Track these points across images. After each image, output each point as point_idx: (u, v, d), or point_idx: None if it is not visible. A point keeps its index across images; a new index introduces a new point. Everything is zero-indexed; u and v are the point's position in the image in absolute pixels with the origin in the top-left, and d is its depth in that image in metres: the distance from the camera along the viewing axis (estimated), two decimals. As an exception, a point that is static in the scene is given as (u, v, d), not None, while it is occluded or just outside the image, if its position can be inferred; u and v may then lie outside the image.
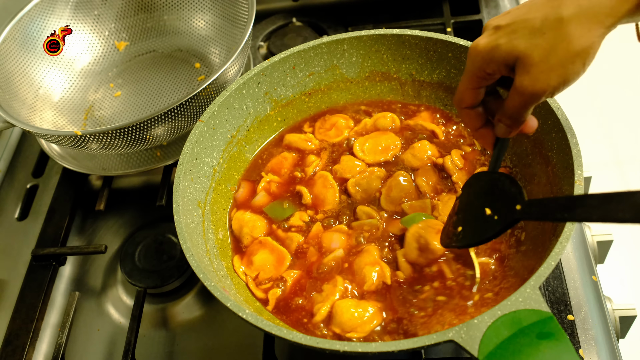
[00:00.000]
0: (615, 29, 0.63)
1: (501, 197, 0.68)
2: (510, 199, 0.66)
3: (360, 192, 0.94)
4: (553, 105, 0.83)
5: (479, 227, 0.69)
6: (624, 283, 2.05)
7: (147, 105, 1.23)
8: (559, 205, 0.61)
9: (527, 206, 0.64)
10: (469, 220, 0.72)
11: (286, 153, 1.02)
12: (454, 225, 0.76)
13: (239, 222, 0.94)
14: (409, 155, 0.95)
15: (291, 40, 1.39)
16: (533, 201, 0.64)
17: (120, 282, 1.07)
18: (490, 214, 0.68)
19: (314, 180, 0.97)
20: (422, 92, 1.04)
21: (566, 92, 0.65)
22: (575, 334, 0.84)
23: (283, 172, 1.00)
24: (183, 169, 0.87)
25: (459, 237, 0.72)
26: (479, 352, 0.62)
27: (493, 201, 0.69)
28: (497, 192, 0.69)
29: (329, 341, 0.67)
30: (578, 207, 0.58)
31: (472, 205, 0.73)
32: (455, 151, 0.95)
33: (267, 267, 0.88)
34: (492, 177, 0.72)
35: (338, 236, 0.89)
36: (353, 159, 0.97)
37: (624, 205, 0.52)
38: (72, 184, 1.19)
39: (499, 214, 0.67)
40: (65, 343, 0.95)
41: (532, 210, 0.63)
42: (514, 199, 0.66)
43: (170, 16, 1.34)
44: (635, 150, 2.45)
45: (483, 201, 0.71)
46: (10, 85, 1.15)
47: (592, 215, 0.57)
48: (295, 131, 1.05)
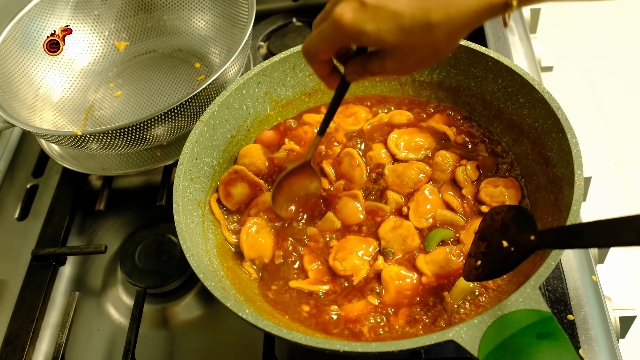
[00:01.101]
0: (615, 29, 0.64)
1: (516, 229, 0.71)
2: (525, 230, 0.69)
3: (394, 177, 0.93)
4: (553, 105, 0.83)
5: (498, 260, 0.72)
6: (624, 283, 2.05)
7: (147, 105, 1.23)
8: (570, 234, 0.64)
9: (540, 236, 0.67)
10: (488, 253, 0.74)
11: (307, 127, 1.02)
12: (473, 259, 0.78)
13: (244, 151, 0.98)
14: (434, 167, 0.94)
15: (291, 40, 1.39)
16: (545, 231, 0.67)
17: (120, 282, 1.07)
18: (507, 246, 0.71)
19: (340, 158, 0.96)
20: (422, 92, 1.04)
21: (566, 92, 0.66)
22: (575, 334, 0.84)
23: (303, 143, 1.00)
24: (183, 169, 0.87)
25: (479, 271, 0.75)
26: (479, 352, 0.62)
27: (509, 234, 0.72)
28: (512, 225, 0.72)
29: (329, 341, 0.67)
30: (586, 234, 0.61)
31: (490, 240, 0.76)
32: (472, 163, 0.93)
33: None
34: (507, 210, 0.75)
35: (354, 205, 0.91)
36: (384, 149, 0.97)
37: (627, 229, 0.56)
38: (72, 184, 1.19)
39: (515, 245, 0.70)
40: (65, 343, 0.95)
41: (545, 240, 0.66)
42: (528, 230, 0.68)
43: (170, 16, 1.34)
44: (635, 150, 2.45)
45: (499, 234, 0.73)
46: (10, 85, 1.15)
47: (599, 241, 0.61)
48: (312, 112, 1.06)
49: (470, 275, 0.77)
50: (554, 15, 2.89)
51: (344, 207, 0.91)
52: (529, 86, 0.88)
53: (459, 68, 0.98)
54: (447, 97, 1.02)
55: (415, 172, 0.92)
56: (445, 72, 1.00)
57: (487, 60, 0.93)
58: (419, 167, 0.93)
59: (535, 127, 0.88)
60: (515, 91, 0.91)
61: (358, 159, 0.94)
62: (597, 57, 2.78)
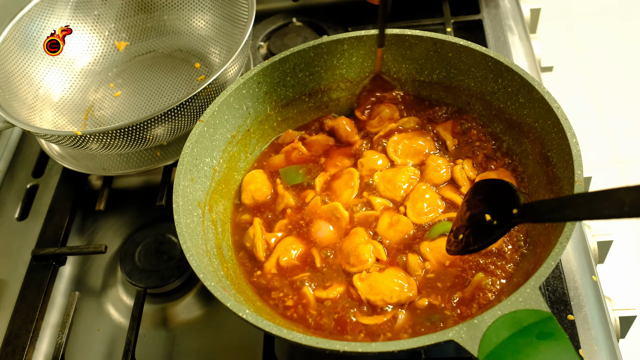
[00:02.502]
0: (615, 29, 0.64)
1: (499, 202, 0.72)
2: (507, 203, 0.70)
3: (385, 183, 0.94)
4: (553, 106, 0.83)
5: (480, 233, 0.73)
6: (624, 283, 2.05)
7: (147, 105, 1.23)
8: (550, 207, 0.65)
9: (522, 209, 0.68)
10: (471, 227, 0.74)
11: (327, 137, 1.03)
12: (455, 233, 0.79)
13: (249, 178, 0.99)
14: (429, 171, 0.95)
15: (291, 40, 1.39)
16: (527, 204, 0.68)
17: (120, 282, 1.07)
18: (489, 219, 0.72)
19: (340, 174, 0.97)
20: (422, 92, 1.04)
21: (566, 92, 0.66)
22: (575, 334, 0.84)
23: (314, 149, 1.02)
24: (183, 169, 0.87)
25: (461, 244, 0.74)
26: (479, 352, 0.62)
27: (492, 207, 0.73)
28: (495, 198, 0.73)
29: (329, 341, 0.67)
30: (567, 207, 0.62)
31: (473, 213, 0.75)
32: (468, 160, 0.94)
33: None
34: (491, 184, 0.75)
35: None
36: (381, 156, 0.98)
37: (608, 202, 0.56)
38: (72, 184, 1.19)
39: (497, 218, 0.71)
40: (65, 343, 0.95)
41: (527, 213, 0.67)
42: (510, 203, 0.69)
43: (170, 16, 1.34)
44: (635, 150, 2.45)
45: (482, 208, 0.74)
46: (10, 85, 1.15)
47: (580, 213, 0.61)
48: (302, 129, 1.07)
49: (452, 247, 0.77)
50: (554, 15, 2.89)
51: (319, 229, 0.92)
52: (529, 86, 0.88)
53: (459, 68, 0.98)
54: (447, 97, 1.02)
55: (405, 175, 0.93)
56: (445, 72, 1.00)
57: (487, 60, 0.93)
58: (408, 170, 0.94)
59: (535, 127, 0.88)
60: (515, 91, 0.91)
61: (355, 181, 0.95)
62: (597, 57, 2.78)
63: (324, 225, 0.92)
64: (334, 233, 0.91)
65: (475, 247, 0.73)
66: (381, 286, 0.81)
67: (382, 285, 0.81)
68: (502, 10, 1.35)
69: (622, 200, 0.55)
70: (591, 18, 2.93)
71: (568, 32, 2.91)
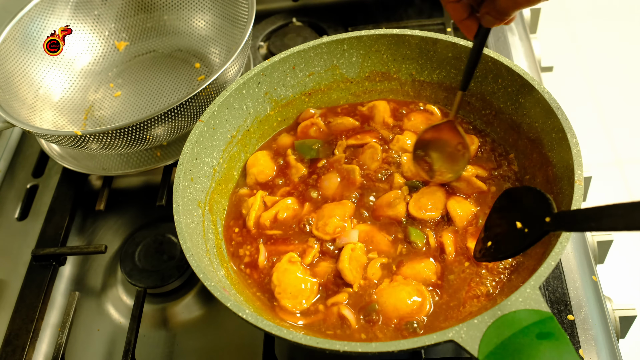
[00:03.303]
0: (615, 29, 0.64)
1: (531, 210, 0.70)
2: (540, 211, 0.68)
3: (409, 165, 0.94)
4: (553, 105, 0.83)
5: (510, 241, 0.71)
6: (624, 283, 2.05)
7: (147, 105, 1.23)
8: (587, 216, 0.62)
9: (556, 218, 0.66)
10: (501, 234, 0.74)
11: (352, 120, 1.03)
12: (483, 240, 0.79)
13: (252, 160, 1.00)
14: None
15: (291, 40, 1.39)
16: (562, 213, 0.66)
17: (120, 282, 1.07)
18: (520, 227, 0.71)
19: (364, 149, 0.98)
20: (422, 92, 1.04)
21: (567, 92, 0.66)
22: (575, 334, 0.84)
23: (334, 129, 1.03)
24: (183, 169, 0.87)
25: (490, 251, 0.74)
26: (479, 352, 0.62)
27: (523, 215, 0.71)
28: (527, 206, 0.72)
29: (329, 341, 0.67)
30: (605, 217, 0.60)
31: (504, 220, 0.75)
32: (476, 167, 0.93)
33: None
34: (523, 192, 0.74)
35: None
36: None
37: None
38: (72, 184, 1.19)
39: (529, 226, 0.69)
40: (65, 343, 0.95)
41: (561, 222, 0.65)
42: (543, 211, 0.67)
43: (170, 16, 1.34)
44: (635, 150, 2.45)
45: (514, 215, 0.73)
46: (10, 85, 1.15)
47: (618, 224, 0.59)
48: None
49: (481, 255, 0.76)
50: (554, 15, 2.89)
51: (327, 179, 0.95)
52: (529, 86, 0.88)
53: (459, 68, 0.98)
54: (448, 97, 1.02)
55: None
56: (445, 72, 1.00)
57: (487, 60, 0.93)
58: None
59: (535, 127, 0.88)
60: (515, 91, 0.91)
61: (379, 154, 0.96)
62: (597, 57, 2.78)
63: (333, 177, 0.95)
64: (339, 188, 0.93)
65: (505, 254, 0.72)
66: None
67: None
68: (502, 10, 1.34)
69: None
70: (591, 18, 2.93)
71: (568, 32, 2.91)
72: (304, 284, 0.83)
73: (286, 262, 0.85)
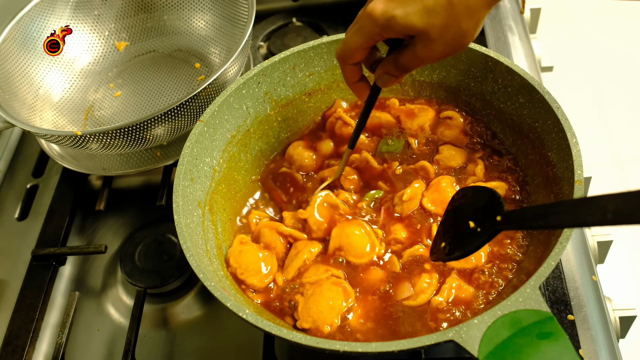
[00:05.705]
0: (615, 29, 0.64)
1: (483, 209, 0.71)
2: (491, 210, 0.69)
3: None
4: (553, 105, 0.83)
5: (464, 240, 0.72)
6: (624, 283, 2.05)
7: (147, 105, 1.23)
8: (534, 214, 0.64)
9: (506, 217, 0.67)
10: (454, 234, 0.75)
11: (386, 115, 1.02)
12: (436, 241, 0.80)
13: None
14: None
15: (291, 40, 1.39)
16: (511, 212, 0.67)
17: (120, 282, 1.07)
18: (473, 226, 0.72)
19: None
20: (422, 92, 1.04)
21: (567, 92, 0.67)
22: (575, 334, 0.84)
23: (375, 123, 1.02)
24: (183, 169, 0.87)
25: (444, 252, 0.76)
26: (479, 352, 0.62)
27: (476, 214, 0.72)
28: (478, 206, 0.73)
29: (329, 341, 0.67)
30: (551, 214, 0.61)
31: (456, 220, 0.76)
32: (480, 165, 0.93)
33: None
34: (475, 191, 0.75)
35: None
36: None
37: (592, 209, 0.55)
38: (72, 184, 1.19)
39: (481, 226, 0.70)
40: (65, 343, 0.95)
41: (511, 220, 0.67)
42: (494, 210, 0.69)
43: (170, 16, 1.34)
44: (635, 150, 2.45)
45: (466, 215, 0.74)
46: (10, 85, 1.15)
47: (564, 221, 0.61)
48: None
49: (436, 254, 0.77)
50: (554, 15, 2.89)
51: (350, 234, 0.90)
52: (529, 86, 0.88)
53: (459, 68, 0.98)
54: (447, 97, 1.02)
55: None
56: (445, 72, 1.00)
57: (487, 60, 0.93)
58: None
59: (535, 127, 0.88)
60: (515, 91, 0.91)
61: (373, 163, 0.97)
62: (597, 57, 2.78)
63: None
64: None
65: (458, 254, 0.73)
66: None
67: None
68: (502, 10, 1.35)
69: (605, 208, 0.54)
70: (591, 18, 2.93)
71: (568, 32, 2.91)
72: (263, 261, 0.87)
73: (238, 244, 0.89)
